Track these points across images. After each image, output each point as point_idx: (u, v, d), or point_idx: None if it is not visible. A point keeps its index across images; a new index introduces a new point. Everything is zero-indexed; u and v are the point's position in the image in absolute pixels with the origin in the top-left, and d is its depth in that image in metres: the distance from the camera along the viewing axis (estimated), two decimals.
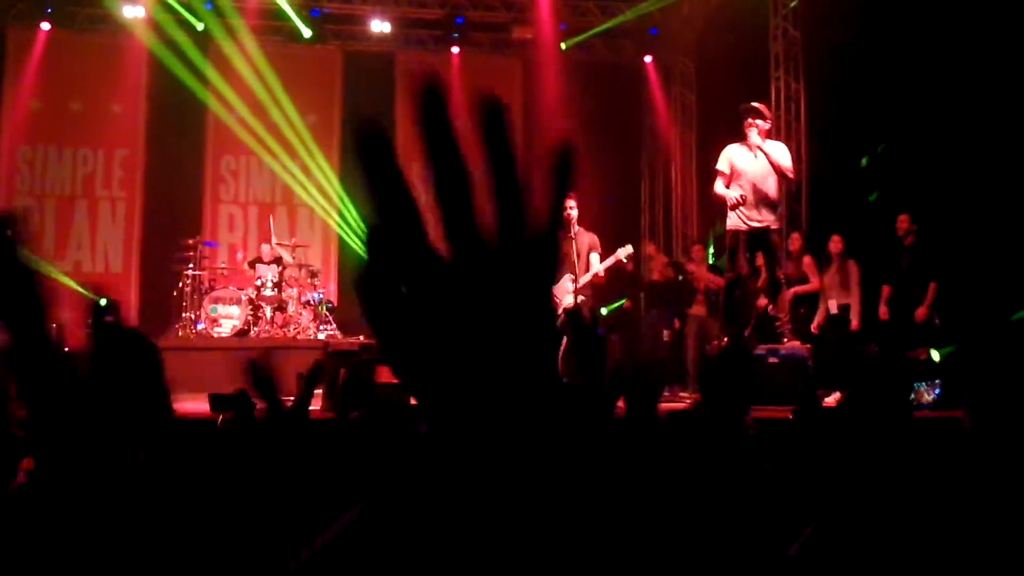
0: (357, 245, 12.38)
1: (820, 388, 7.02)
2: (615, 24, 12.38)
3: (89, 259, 12.06)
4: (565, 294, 7.48)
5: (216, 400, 4.56)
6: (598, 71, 12.94)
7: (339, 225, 12.47)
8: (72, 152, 12.25)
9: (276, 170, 12.39)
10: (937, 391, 6.37)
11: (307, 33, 12.17)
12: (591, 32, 12.38)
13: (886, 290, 8.25)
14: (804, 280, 8.77)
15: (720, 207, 7.13)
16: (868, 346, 8.09)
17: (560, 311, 7.52)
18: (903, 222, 8.10)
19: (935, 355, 7.08)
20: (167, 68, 11.91)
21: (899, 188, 8.47)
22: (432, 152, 0.62)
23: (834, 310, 8.60)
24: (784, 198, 9.06)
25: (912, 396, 6.24)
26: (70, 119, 12.14)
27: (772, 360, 6.74)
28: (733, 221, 7.02)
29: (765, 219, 7.00)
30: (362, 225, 10.50)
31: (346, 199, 12.43)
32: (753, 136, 6.98)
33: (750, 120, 7.03)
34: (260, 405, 2.97)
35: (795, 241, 9.16)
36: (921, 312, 7.84)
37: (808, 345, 7.34)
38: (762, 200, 6.97)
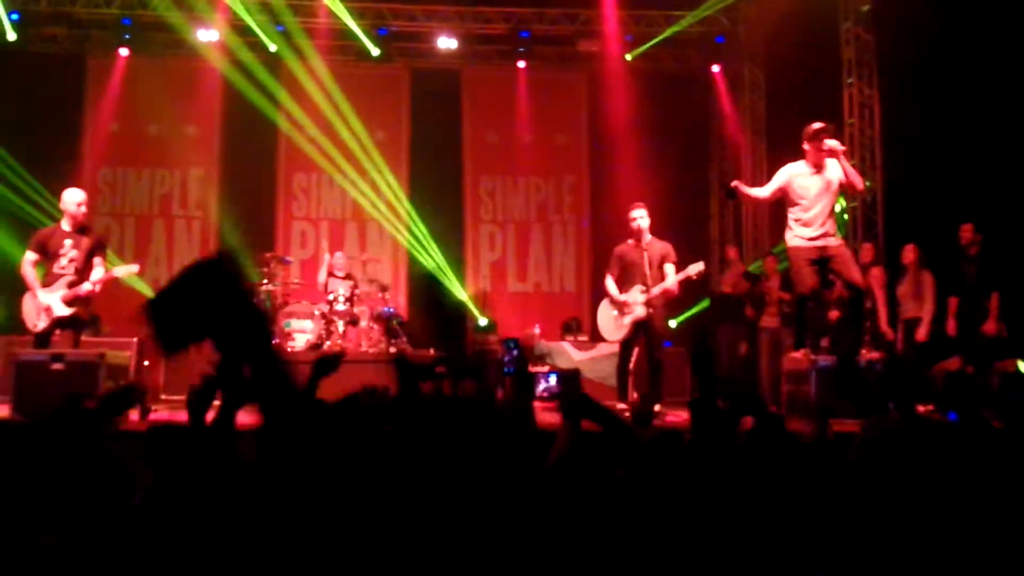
0: (426, 260, 12.48)
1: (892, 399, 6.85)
2: (680, 31, 12.30)
3: (167, 276, 12.28)
4: (635, 304, 7.44)
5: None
6: (665, 81, 12.86)
7: (408, 241, 12.60)
8: (150, 173, 12.62)
9: (346, 187, 12.59)
10: None
11: (375, 52, 12.34)
12: (656, 40, 12.29)
13: (953, 303, 8.04)
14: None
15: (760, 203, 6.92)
16: (948, 361, 7.88)
17: (629, 321, 7.47)
18: (967, 231, 7.91)
19: (1022, 366, 6.86)
20: (240, 90, 12.20)
21: (968, 195, 8.26)
22: None
23: (906, 319, 8.40)
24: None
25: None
26: (147, 141, 12.51)
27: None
28: (794, 241, 6.85)
29: (829, 235, 6.81)
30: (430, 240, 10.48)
31: (414, 214, 12.56)
32: (820, 153, 6.79)
33: (818, 138, 6.83)
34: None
35: (867, 252, 8.97)
36: (990, 326, 7.65)
37: (883, 355, 7.18)
38: (824, 218, 6.79)
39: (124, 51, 12.34)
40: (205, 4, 11.79)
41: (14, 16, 11.62)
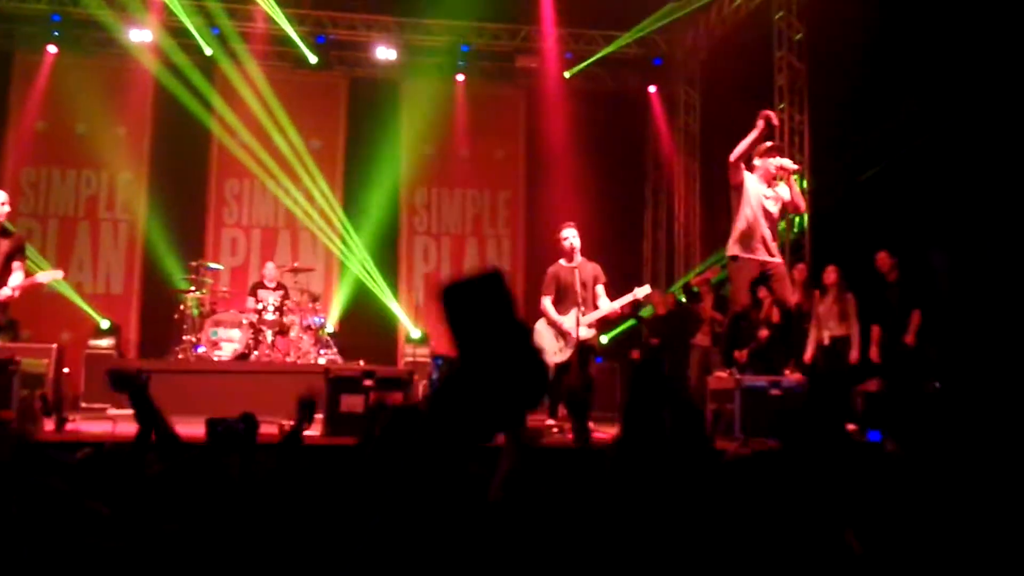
0: (358, 271, 12.37)
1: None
2: (618, 52, 12.44)
3: (91, 280, 12.06)
4: (572, 326, 7.45)
5: (213, 424, 4.52)
6: (602, 100, 13.00)
7: (341, 251, 12.48)
8: (76, 174, 12.28)
9: (279, 195, 12.42)
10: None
11: (313, 59, 12.22)
12: (594, 58, 12.41)
13: (876, 330, 8.21)
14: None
15: (742, 156, 6.87)
16: (870, 380, 8.04)
17: (569, 344, 7.49)
18: (883, 258, 8.12)
19: None
20: (172, 92, 11.97)
21: (892, 221, 8.47)
22: None
23: (826, 341, 8.54)
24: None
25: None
26: (75, 141, 12.18)
27: (774, 392, 6.70)
28: (738, 249, 6.98)
29: (773, 253, 6.98)
30: (365, 253, 10.41)
31: (348, 225, 12.44)
32: (770, 171, 6.96)
33: (770, 155, 7.02)
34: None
35: (801, 272, 9.11)
36: (909, 339, 7.82)
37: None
38: (769, 233, 6.96)
39: (52, 48, 12.00)
40: (138, 3, 11.55)
41: None
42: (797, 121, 10.61)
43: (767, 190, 6.99)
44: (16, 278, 6.86)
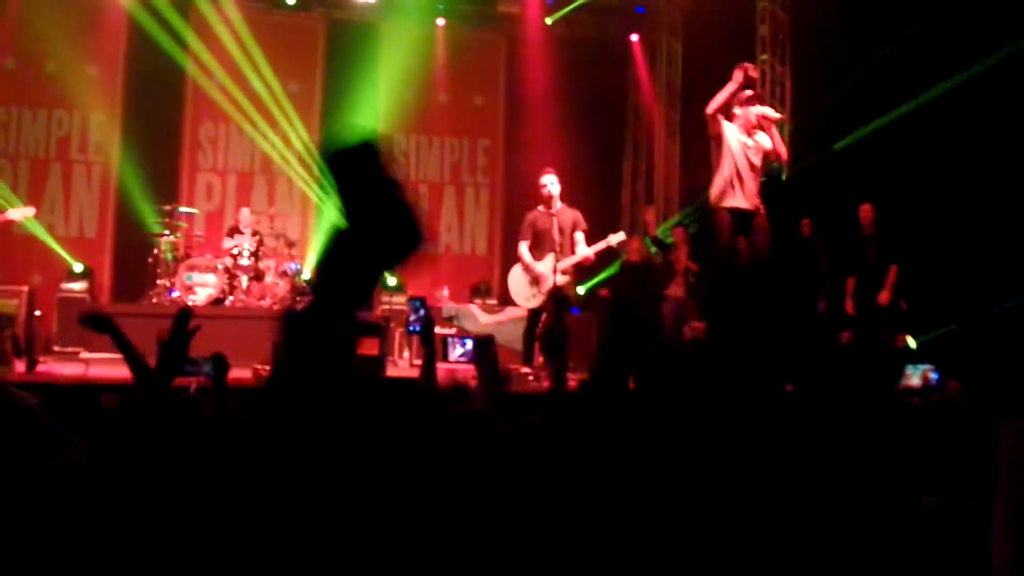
0: (335, 218, 12.25)
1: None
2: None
3: (63, 223, 11.89)
4: (547, 271, 7.45)
5: (190, 363, 4.49)
6: (584, 48, 12.85)
7: (317, 196, 12.35)
8: (47, 114, 12.04)
9: (256, 139, 12.24)
10: (935, 375, 6.38)
11: (291, 0, 11.98)
12: (576, 4, 12.21)
13: (851, 283, 8.26)
14: None
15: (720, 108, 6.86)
16: (840, 333, 8.11)
17: (544, 290, 7.49)
18: (866, 211, 8.14)
19: (911, 342, 7.11)
20: (146, 31, 11.69)
21: (869, 177, 8.48)
22: None
23: None
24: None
25: (901, 380, 6.28)
26: (45, 80, 11.91)
27: None
28: (721, 197, 6.97)
29: (752, 202, 6.99)
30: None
31: (325, 170, 12.28)
32: (750, 119, 6.94)
33: (750, 103, 7.00)
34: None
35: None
36: (884, 296, 7.88)
37: None
38: (750, 182, 6.96)
39: None
40: None
41: None
42: (779, 72, 10.56)
43: (748, 139, 6.97)
44: None
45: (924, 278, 7.83)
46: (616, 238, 7.62)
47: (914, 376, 6.42)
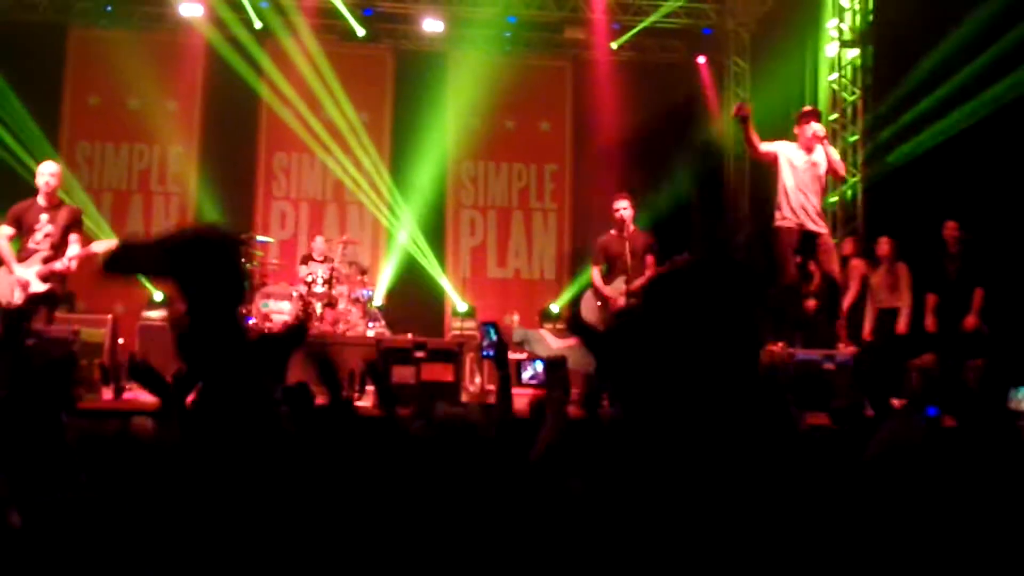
0: (405, 244, 12.42)
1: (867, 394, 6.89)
2: (667, 23, 12.27)
3: None
4: (619, 295, 7.44)
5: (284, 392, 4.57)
6: (651, 71, 12.84)
7: (388, 224, 12.55)
8: (128, 148, 12.47)
9: (328, 167, 12.51)
10: None
11: (360, 32, 12.24)
12: (640, 26, 12.19)
13: (932, 299, 8.06)
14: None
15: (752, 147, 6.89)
16: (922, 356, 7.91)
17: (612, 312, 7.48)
18: (951, 228, 7.94)
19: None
20: (222, 66, 12.08)
21: (951, 191, 8.29)
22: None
23: (877, 314, 8.43)
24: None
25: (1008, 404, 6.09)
26: (127, 116, 12.35)
27: (828, 366, 6.61)
28: (782, 217, 6.92)
29: (816, 222, 6.92)
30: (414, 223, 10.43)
31: (396, 197, 12.49)
32: (808, 137, 6.90)
33: (805, 121, 6.96)
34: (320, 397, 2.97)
35: (848, 245, 8.99)
36: (970, 320, 7.67)
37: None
38: (814, 202, 6.90)
39: (106, 23, 12.17)
40: None
41: None
42: (849, 91, 10.44)
43: (806, 157, 6.90)
44: (73, 250, 6.99)
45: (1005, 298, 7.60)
46: (681, 258, 7.58)
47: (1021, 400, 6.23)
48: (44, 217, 6.95)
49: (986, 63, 8.06)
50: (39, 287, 6.88)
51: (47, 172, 7.02)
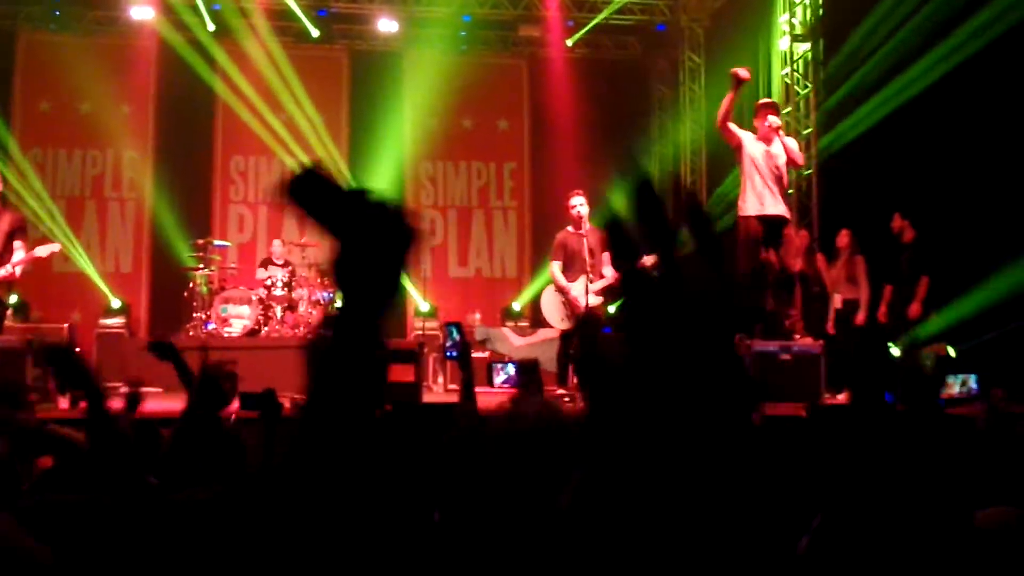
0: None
1: (831, 386, 7.02)
2: (622, 19, 12.35)
3: (99, 259, 12.09)
4: (579, 294, 7.47)
5: (245, 399, 4.55)
6: (606, 68, 12.93)
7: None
8: (82, 154, 12.29)
9: (286, 168, 12.41)
10: (974, 384, 6.35)
11: (315, 33, 12.17)
12: (594, 22, 12.19)
13: (888, 289, 8.22)
14: (816, 277, 8.70)
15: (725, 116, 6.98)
16: (878, 343, 8.06)
17: (572, 312, 7.51)
18: (896, 220, 8.09)
19: (951, 351, 7.05)
20: (175, 69, 11.96)
21: (903, 183, 8.43)
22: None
23: (839, 305, 8.57)
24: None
25: (943, 389, 6.25)
26: (79, 121, 12.17)
27: (784, 357, 6.71)
28: (746, 208, 7.01)
29: (779, 210, 7.02)
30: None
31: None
32: (766, 129, 7.00)
33: (764, 113, 7.06)
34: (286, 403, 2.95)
35: (803, 238, 9.09)
36: (914, 308, 7.82)
37: (821, 342, 7.33)
38: (775, 191, 7.00)
39: (55, 27, 11.98)
40: None
41: None
42: (801, 83, 10.57)
43: (767, 148, 7.01)
44: (17, 256, 6.93)
45: (963, 284, 7.74)
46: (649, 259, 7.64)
47: (955, 385, 6.39)
48: None
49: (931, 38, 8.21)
50: None
51: None
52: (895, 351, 7.57)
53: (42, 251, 7.34)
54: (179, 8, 11.67)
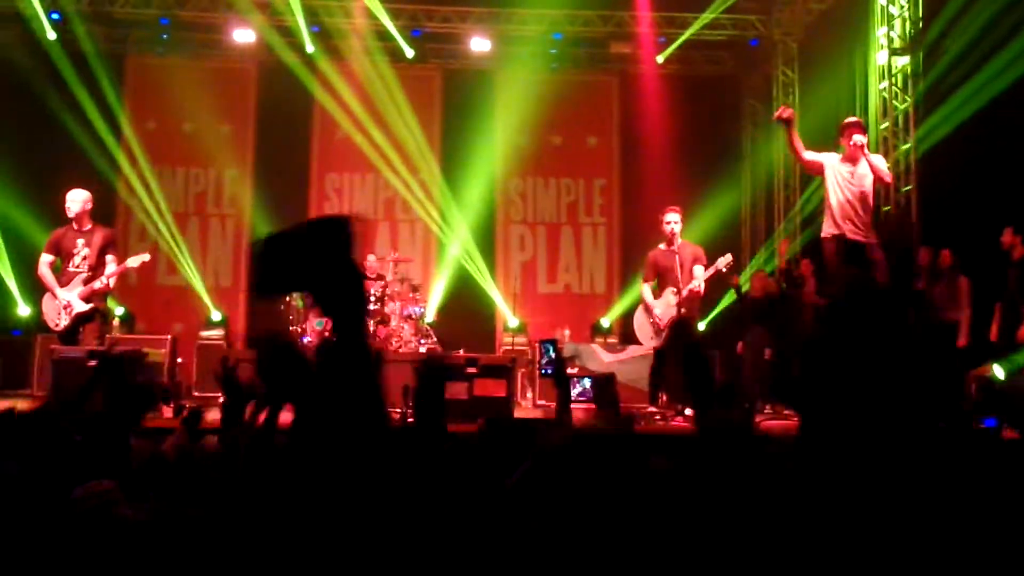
0: (456, 261, 12.52)
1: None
2: (714, 34, 12.26)
3: (200, 273, 12.50)
4: (668, 307, 7.44)
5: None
6: (698, 84, 12.85)
7: (439, 241, 12.68)
8: (185, 172, 12.76)
9: (380, 185, 12.73)
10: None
11: (410, 53, 12.40)
12: (684, 37, 12.08)
13: (999, 308, 7.91)
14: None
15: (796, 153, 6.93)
16: (983, 367, 7.77)
17: (664, 326, 7.48)
18: (1007, 235, 7.78)
19: (999, 371, 6.80)
20: (274, 90, 12.38)
21: (1007, 197, 8.13)
22: None
23: None
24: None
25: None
26: (183, 140, 12.64)
27: None
28: (829, 228, 6.87)
29: (863, 233, 6.84)
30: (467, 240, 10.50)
31: (446, 215, 12.62)
32: (851, 148, 6.85)
33: (849, 132, 6.91)
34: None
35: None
36: (1023, 332, 7.49)
37: None
38: (861, 213, 6.83)
39: (161, 50, 12.52)
40: (244, 3, 11.86)
41: (55, 15, 11.78)
42: (900, 99, 10.32)
43: (851, 168, 6.85)
44: (109, 268, 7.34)
45: None
46: (723, 261, 7.56)
47: None
48: (80, 241, 7.31)
49: None
50: (82, 307, 7.20)
51: (75, 199, 7.36)
52: (999, 374, 7.30)
53: (133, 262, 7.70)
54: (279, 31, 12.04)
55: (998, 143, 8.42)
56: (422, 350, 9.83)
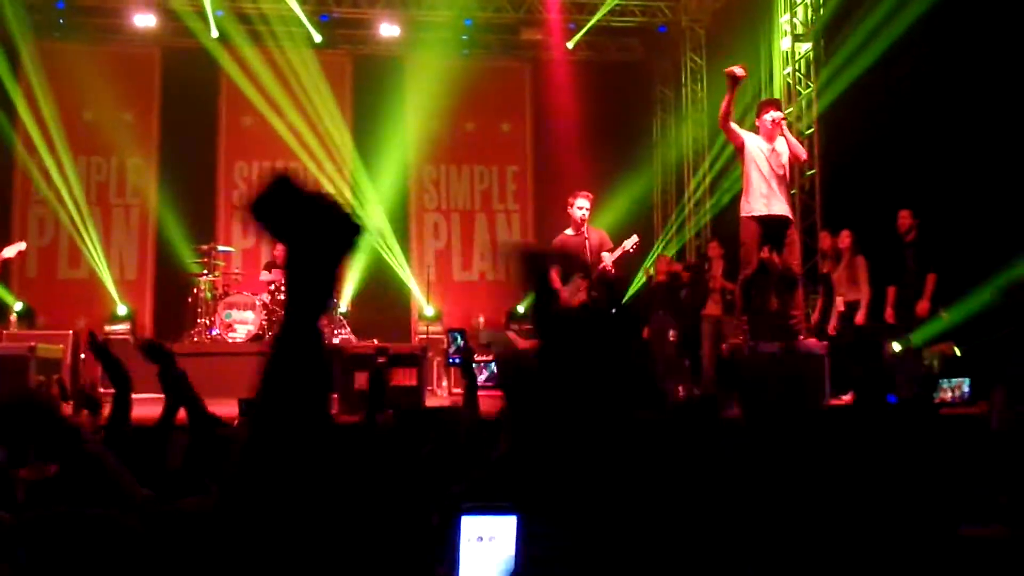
0: (369, 250, 12.39)
1: (835, 387, 7.00)
2: (623, 21, 12.37)
3: (104, 266, 12.12)
4: (576, 292, 7.47)
5: (246, 404, 4.58)
6: (608, 70, 12.94)
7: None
8: (86, 160, 12.32)
9: (301, 169, 12.47)
10: (966, 388, 6.33)
11: (317, 38, 12.19)
12: (592, 21, 12.11)
13: (891, 291, 8.14)
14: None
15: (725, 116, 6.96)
16: (882, 344, 8.01)
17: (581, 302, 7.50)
18: (904, 217, 8.02)
19: (957, 351, 7.03)
20: (178, 76, 12.02)
21: (904, 180, 8.38)
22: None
23: (841, 307, 8.50)
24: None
25: (937, 393, 6.23)
26: (83, 128, 12.20)
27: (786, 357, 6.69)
28: (750, 208, 6.98)
29: (781, 210, 6.98)
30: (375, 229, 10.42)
31: (358, 204, 12.46)
32: (768, 127, 6.96)
33: (765, 110, 7.04)
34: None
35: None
36: (922, 306, 7.72)
37: (825, 343, 7.31)
38: (778, 190, 6.96)
39: (59, 35, 12.04)
40: None
41: None
42: (803, 83, 10.56)
43: (770, 146, 6.98)
44: None
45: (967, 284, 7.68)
46: (630, 241, 7.61)
47: (948, 391, 6.36)
48: None
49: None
50: None
51: None
52: (897, 350, 7.54)
53: (8, 251, 7.43)
54: (182, 15, 11.70)
55: (897, 127, 8.66)
56: (335, 341, 9.71)
